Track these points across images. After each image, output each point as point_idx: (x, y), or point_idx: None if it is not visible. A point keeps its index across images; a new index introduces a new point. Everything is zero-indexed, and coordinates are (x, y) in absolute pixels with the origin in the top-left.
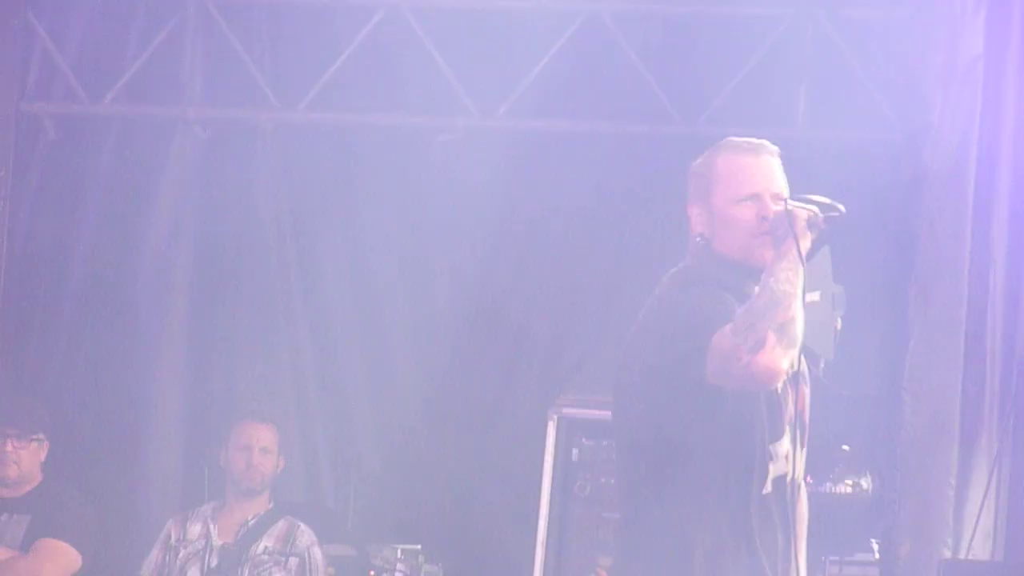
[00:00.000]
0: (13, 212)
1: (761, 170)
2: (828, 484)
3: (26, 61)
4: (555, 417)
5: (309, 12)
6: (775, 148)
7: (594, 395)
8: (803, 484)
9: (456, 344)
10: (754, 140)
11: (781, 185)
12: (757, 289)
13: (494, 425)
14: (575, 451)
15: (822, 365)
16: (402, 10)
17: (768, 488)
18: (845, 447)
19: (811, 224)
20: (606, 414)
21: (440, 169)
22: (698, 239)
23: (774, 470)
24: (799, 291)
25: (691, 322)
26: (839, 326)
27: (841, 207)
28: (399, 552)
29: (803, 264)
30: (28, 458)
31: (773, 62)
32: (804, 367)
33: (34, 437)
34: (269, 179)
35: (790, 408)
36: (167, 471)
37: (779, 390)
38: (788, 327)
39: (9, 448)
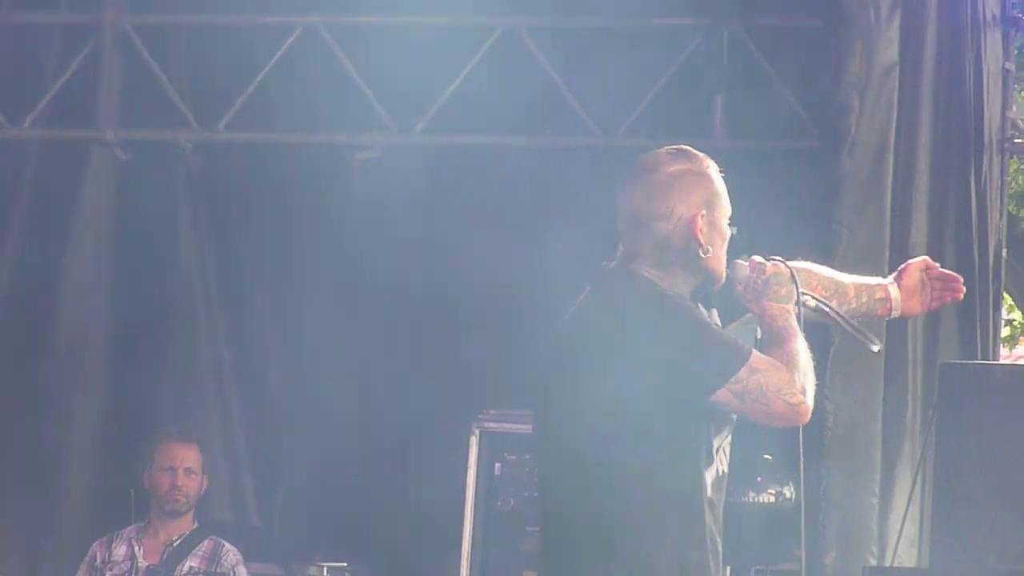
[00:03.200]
0: None
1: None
2: (751, 494)
3: None
4: (477, 432)
5: (226, 33)
6: None
7: (516, 410)
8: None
9: (380, 360)
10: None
11: None
12: (773, 341)
13: (418, 441)
14: (498, 465)
15: None
16: (318, 29)
17: (709, 492)
18: (767, 456)
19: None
20: (528, 428)
21: (360, 185)
22: (704, 251)
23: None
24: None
25: (702, 340)
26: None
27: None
28: (324, 570)
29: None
30: None
31: (690, 73)
32: None
33: None
34: (189, 199)
35: None
36: (90, 493)
37: None
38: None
39: None
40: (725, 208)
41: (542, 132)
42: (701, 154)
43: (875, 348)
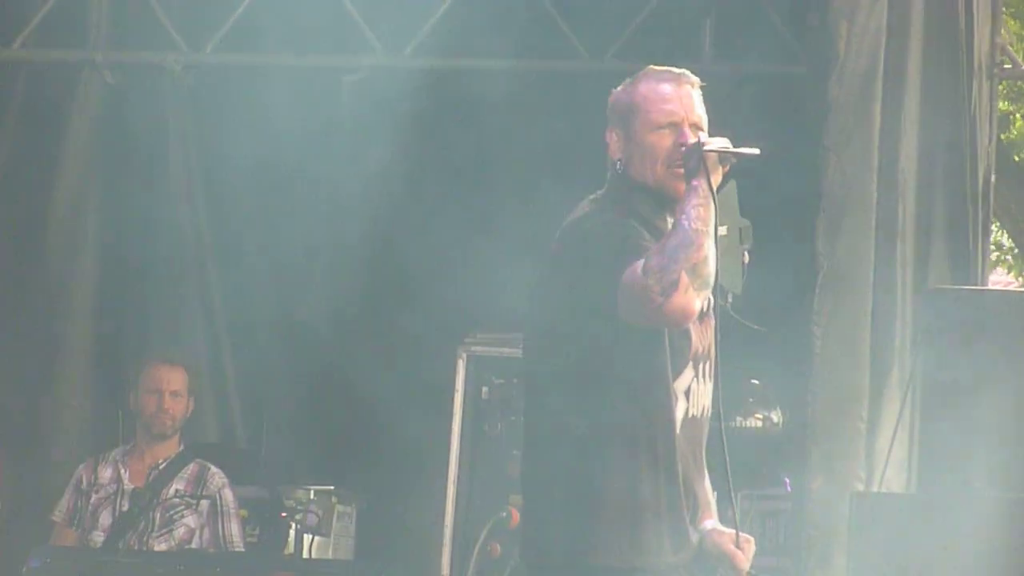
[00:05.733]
0: None
1: (681, 99)
2: (738, 418)
3: None
4: (464, 355)
5: None
6: (696, 79)
7: (504, 333)
8: (706, 418)
9: (366, 282)
10: (675, 70)
11: (700, 116)
12: (669, 224)
13: (405, 365)
14: (484, 389)
15: (730, 299)
16: None
17: (677, 428)
18: (755, 381)
19: (722, 159)
20: (516, 352)
21: (348, 108)
22: (617, 165)
23: (679, 409)
24: (711, 229)
25: (600, 252)
26: (746, 260)
27: (756, 150)
28: (312, 493)
29: (715, 200)
30: None
31: None
32: (710, 301)
33: None
34: (178, 122)
35: (694, 344)
36: (77, 415)
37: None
38: (701, 267)
39: None
40: (647, 122)
41: (530, 55)
42: (655, 69)
43: (755, 150)
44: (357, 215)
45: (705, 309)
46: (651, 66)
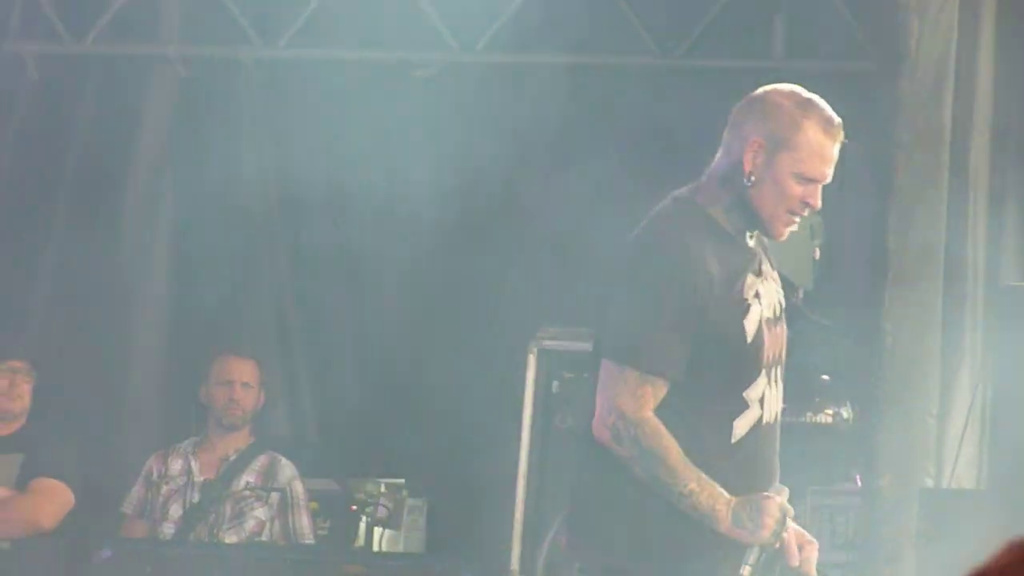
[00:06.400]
0: None
1: (831, 159)
2: (808, 414)
3: (8, 1)
4: (535, 350)
5: None
6: (842, 135)
7: (575, 328)
8: (778, 422)
9: (438, 277)
10: (836, 119)
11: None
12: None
13: (476, 359)
14: (555, 383)
15: (800, 295)
16: None
17: (739, 435)
18: (825, 377)
19: None
20: (586, 346)
21: (419, 103)
22: (749, 178)
23: (747, 417)
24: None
25: (671, 267)
26: (817, 256)
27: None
28: (382, 486)
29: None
30: (29, 393)
31: None
32: (781, 303)
33: (33, 371)
34: (250, 116)
35: (766, 352)
36: (149, 406)
37: (754, 336)
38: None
39: (19, 382)
40: (794, 165)
41: (601, 51)
42: (823, 110)
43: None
44: (429, 210)
45: (778, 314)
46: (819, 101)
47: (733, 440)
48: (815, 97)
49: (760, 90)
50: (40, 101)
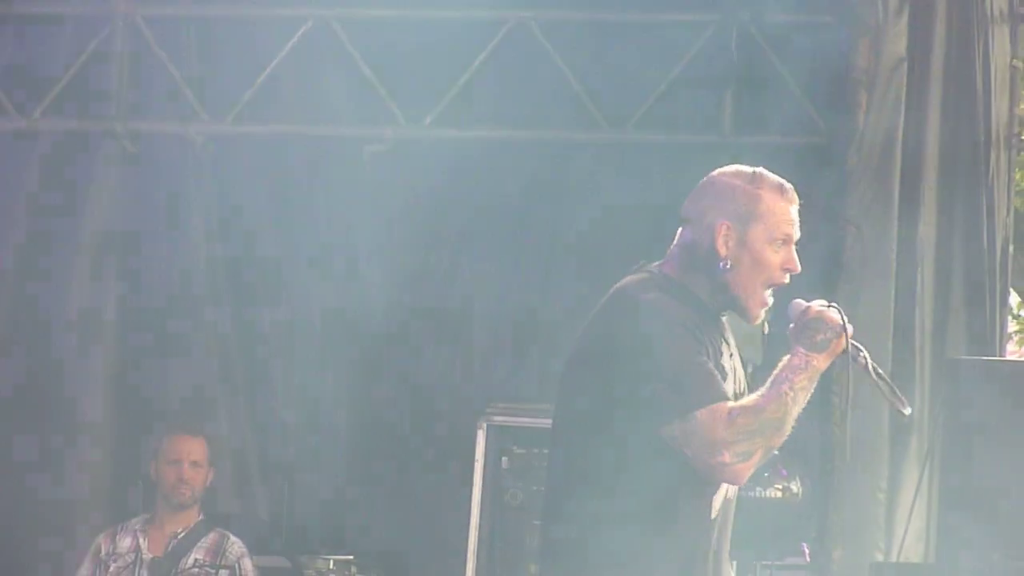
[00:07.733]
0: None
1: (794, 220)
2: (758, 489)
3: None
4: (484, 425)
5: (236, 24)
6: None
7: (524, 403)
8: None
9: (386, 352)
10: (787, 184)
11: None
12: (767, 387)
13: (426, 435)
14: (504, 459)
15: (750, 370)
16: (329, 21)
17: (715, 510)
18: (775, 452)
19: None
20: (537, 421)
21: (370, 179)
22: (725, 264)
23: (720, 493)
24: (798, 411)
25: (660, 344)
26: (767, 331)
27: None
28: (331, 563)
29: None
30: None
31: (699, 68)
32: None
33: None
34: (199, 192)
35: None
36: (97, 484)
37: None
38: (776, 446)
39: None
40: (766, 234)
41: (551, 125)
42: (772, 178)
43: (907, 411)
44: (376, 284)
45: (741, 389)
46: (765, 172)
47: (712, 516)
48: (759, 168)
49: (705, 179)
50: None
